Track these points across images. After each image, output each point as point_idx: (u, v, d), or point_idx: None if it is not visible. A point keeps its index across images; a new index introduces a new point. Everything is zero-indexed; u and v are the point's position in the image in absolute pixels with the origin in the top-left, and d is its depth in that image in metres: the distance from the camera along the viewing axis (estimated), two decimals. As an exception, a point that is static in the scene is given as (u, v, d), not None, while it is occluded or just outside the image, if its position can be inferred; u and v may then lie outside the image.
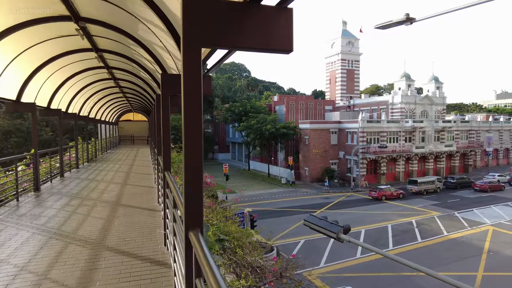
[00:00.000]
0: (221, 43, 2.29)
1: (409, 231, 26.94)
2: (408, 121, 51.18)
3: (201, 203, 2.25)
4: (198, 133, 2.24)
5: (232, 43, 2.30)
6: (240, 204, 36.39)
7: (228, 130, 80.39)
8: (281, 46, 2.39)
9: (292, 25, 2.35)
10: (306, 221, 8.63)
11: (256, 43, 2.34)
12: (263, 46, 2.37)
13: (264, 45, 2.36)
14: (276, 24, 2.33)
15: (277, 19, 2.35)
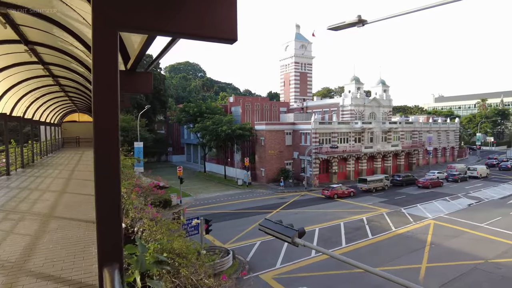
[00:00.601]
0: (145, 26, 1.80)
1: (360, 228, 27.96)
2: (357, 122, 53.49)
3: (120, 229, 1.78)
4: (114, 139, 1.77)
5: (160, 27, 1.85)
6: (196, 207, 35.57)
7: (182, 131, 78.33)
8: (223, 34, 2.03)
9: (236, 11, 1.96)
10: (261, 226, 8.35)
11: (192, 29, 1.94)
12: (201, 33, 1.98)
13: (203, 32, 1.98)
14: (217, 8, 1.94)
15: (218, 2, 1.97)
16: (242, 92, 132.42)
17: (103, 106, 1.67)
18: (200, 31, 2.00)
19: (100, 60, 1.67)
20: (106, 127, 1.72)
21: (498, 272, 19.42)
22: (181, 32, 1.97)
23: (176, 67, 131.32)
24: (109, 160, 1.77)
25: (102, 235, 1.74)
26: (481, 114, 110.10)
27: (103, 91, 1.67)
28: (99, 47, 1.66)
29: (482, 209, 33.73)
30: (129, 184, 7.23)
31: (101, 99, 1.66)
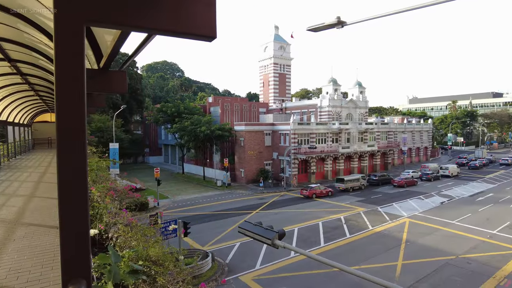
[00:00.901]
0: (117, 21, 1.65)
1: (338, 227, 28.36)
2: (335, 123, 54.35)
3: (87, 239, 1.62)
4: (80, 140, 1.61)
5: (134, 22, 1.70)
6: (174, 209, 34.98)
7: (160, 132, 76.97)
8: (202, 31, 1.90)
9: (215, 6, 1.84)
10: (241, 228, 8.24)
11: (170, 25, 1.81)
12: (179, 29, 1.84)
13: (181, 28, 1.84)
14: (195, 3, 1.81)
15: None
16: (221, 93, 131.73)
17: (68, 105, 1.51)
18: (178, 27, 1.85)
19: (64, 57, 1.50)
20: (71, 126, 1.56)
21: (468, 267, 20.17)
22: (158, 28, 1.82)
23: (153, 66, 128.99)
24: (74, 162, 1.61)
25: (66, 247, 1.57)
26: (452, 115, 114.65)
27: (68, 89, 1.50)
28: (63, 42, 1.50)
29: (453, 206, 35.03)
30: (103, 187, 6.94)
31: (66, 97, 1.50)
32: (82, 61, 1.57)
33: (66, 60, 1.52)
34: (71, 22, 1.52)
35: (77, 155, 1.60)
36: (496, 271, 19.56)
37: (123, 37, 2.94)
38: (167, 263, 3.48)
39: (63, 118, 1.54)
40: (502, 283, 18.30)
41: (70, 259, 1.56)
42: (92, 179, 8.04)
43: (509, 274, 19.31)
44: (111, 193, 6.73)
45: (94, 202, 5.51)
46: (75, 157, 1.60)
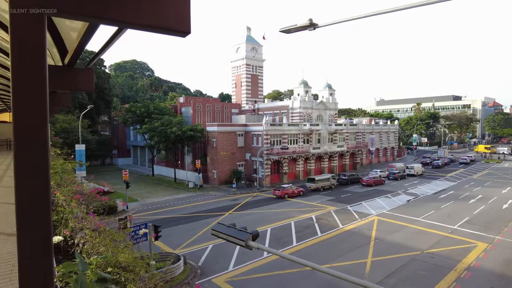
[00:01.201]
0: (82, 11, 1.51)
1: (310, 226, 28.79)
2: (306, 124, 55.21)
3: (50, 246, 1.49)
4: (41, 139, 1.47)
5: (102, 14, 1.57)
6: (144, 212, 34.04)
7: (128, 133, 74.78)
8: (175, 26, 1.80)
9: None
10: (214, 230, 8.13)
11: (141, 18, 1.69)
12: (151, 23, 1.73)
13: (154, 22, 1.73)
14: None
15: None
16: (192, 93, 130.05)
17: (27, 100, 1.37)
18: (150, 21, 1.74)
19: (22, 50, 1.36)
20: (30, 123, 1.42)
21: (432, 261, 21.13)
22: (129, 21, 1.71)
23: (122, 65, 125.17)
24: (34, 159, 1.47)
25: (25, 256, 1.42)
26: (416, 117, 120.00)
27: (26, 84, 1.36)
28: (20, 34, 1.35)
29: (418, 204, 36.60)
30: (68, 191, 6.59)
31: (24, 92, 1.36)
32: (43, 54, 1.43)
33: (24, 53, 1.38)
34: (29, 12, 1.38)
35: (37, 152, 1.46)
36: (457, 264, 20.63)
37: (90, 31, 2.77)
38: (138, 268, 3.33)
39: (21, 114, 1.40)
40: (462, 275, 19.32)
41: (29, 268, 1.42)
42: (56, 182, 7.64)
43: (469, 266, 20.43)
44: (77, 196, 6.41)
45: (58, 207, 5.21)
46: (35, 154, 1.46)
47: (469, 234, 26.14)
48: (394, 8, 5.73)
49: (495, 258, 21.69)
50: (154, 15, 1.74)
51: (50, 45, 3.84)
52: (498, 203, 36.65)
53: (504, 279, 18.83)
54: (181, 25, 1.83)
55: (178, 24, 1.82)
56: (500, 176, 56.52)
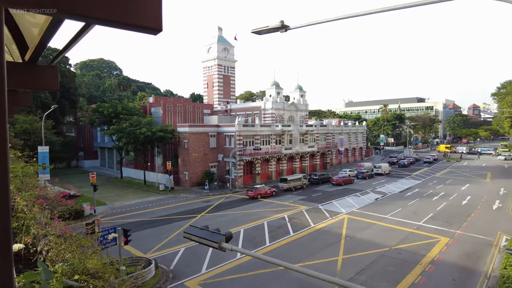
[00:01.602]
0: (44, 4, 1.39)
1: (282, 226, 29.04)
2: (278, 125, 55.72)
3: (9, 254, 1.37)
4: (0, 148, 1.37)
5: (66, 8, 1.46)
6: (113, 216, 32.93)
7: (95, 134, 72.11)
8: (146, 23, 1.70)
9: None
10: (186, 233, 7.99)
11: (110, 14, 1.59)
12: (121, 19, 1.62)
13: (123, 18, 1.63)
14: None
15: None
16: (162, 93, 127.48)
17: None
18: (119, 17, 1.63)
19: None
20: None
21: (399, 256, 21.97)
22: (96, 17, 1.59)
23: (89, 64, 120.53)
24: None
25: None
26: (383, 118, 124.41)
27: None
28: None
29: (386, 202, 37.96)
30: (30, 195, 6.22)
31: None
32: (0, 50, 1.32)
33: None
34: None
35: None
36: (422, 258, 21.58)
37: (54, 26, 2.61)
38: (107, 275, 3.19)
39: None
40: (427, 268, 20.24)
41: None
42: (16, 186, 7.21)
43: (432, 260, 21.43)
44: (40, 201, 6.07)
45: (19, 213, 4.91)
46: None
47: (433, 230, 27.43)
48: (364, 12, 5.90)
49: (456, 251, 22.91)
50: (123, 10, 1.64)
51: (9, 41, 3.61)
52: (458, 199, 38.78)
53: (465, 271, 19.92)
54: (152, 22, 1.73)
55: (149, 21, 1.73)
56: (460, 174, 59.85)
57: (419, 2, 5.48)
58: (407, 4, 5.63)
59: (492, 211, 33.41)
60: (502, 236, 25.80)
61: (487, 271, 19.84)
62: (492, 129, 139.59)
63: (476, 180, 52.25)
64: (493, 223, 29.39)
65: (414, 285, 18.18)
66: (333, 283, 5.13)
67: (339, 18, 6.31)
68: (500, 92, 75.18)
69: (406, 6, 5.58)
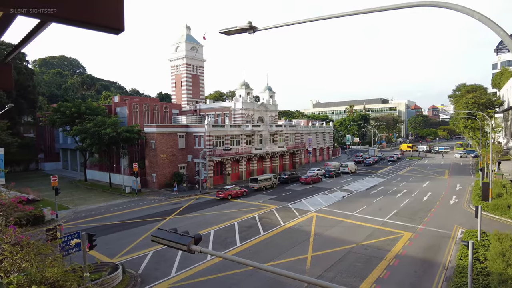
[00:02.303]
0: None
1: (253, 226, 29.11)
2: (248, 125, 55.82)
3: None
4: None
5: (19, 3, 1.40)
6: (77, 221, 31.50)
7: (57, 135, 68.60)
8: (107, 22, 1.63)
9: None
10: (154, 236, 7.81)
11: (68, 12, 1.51)
12: (79, 17, 1.54)
13: (82, 17, 1.55)
14: None
15: None
16: (128, 92, 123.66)
17: None
18: (77, 15, 1.55)
19: None
20: None
21: (366, 252, 22.72)
22: (52, 14, 1.49)
23: (49, 61, 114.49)
24: None
25: None
26: (349, 118, 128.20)
27: None
28: None
29: (353, 200, 39.14)
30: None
31: None
32: None
33: None
34: None
35: None
36: (387, 253, 22.45)
37: (5, 22, 2.44)
38: (69, 283, 3.03)
39: None
40: (391, 263, 21.09)
41: None
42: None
43: (397, 254, 22.36)
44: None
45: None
46: None
47: (397, 225, 28.63)
48: (335, 15, 6.04)
49: (418, 245, 24.06)
50: (82, 8, 1.56)
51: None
52: (420, 195, 40.78)
53: (426, 263, 20.97)
54: (113, 22, 1.66)
55: (110, 21, 1.65)
56: (421, 171, 62.97)
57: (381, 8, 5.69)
58: (371, 9, 5.84)
59: (449, 206, 35.43)
60: (458, 229, 27.42)
61: (445, 262, 21.00)
62: (449, 129, 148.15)
63: (435, 177, 55.21)
64: (450, 217, 31.17)
65: (380, 279, 18.86)
66: (303, 281, 5.20)
67: (307, 21, 6.42)
68: (455, 95, 79.92)
69: (371, 11, 5.78)
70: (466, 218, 30.47)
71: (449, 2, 5.39)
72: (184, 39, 70.06)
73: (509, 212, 30.50)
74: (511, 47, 5.10)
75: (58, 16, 1.54)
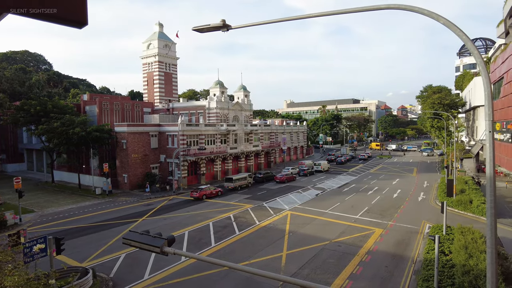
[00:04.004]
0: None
1: (228, 225, 28.99)
2: (223, 124, 55.54)
3: None
4: None
5: None
6: (43, 224, 30.10)
7: (21, 135, 65.23)
8: (69, 15, 1.55)
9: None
10: (125, 239, 7.62)
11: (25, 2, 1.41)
12: (38, 8, 1.45)
13: (41, 8, 1.45)
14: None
15: None
16: (98, 90, 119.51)
17: None
18: (36, 6, 1.45)
19: None
20: None
21: (339, 249, 23.22)
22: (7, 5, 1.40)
23: (11, 56, 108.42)
24: None
25: None
26: (322, 118, 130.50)
27: None
28: None
29: (326, 197, 39.88)
30: None
31: None
32: None
33: None
34: None
35: None
36: (359, 250, 23.05)
37: None
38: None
39: None
40: (363, 258, 21.67)
41: None
42: None
43: (369, 250, 23.01)
44: None
45: None
46: None
47: (368, 222, 29.46)
48: (307, 15, 6.09)
49: (389, 240, 24.88)
50: (44, 1, 1.47)
51: None
52: (390, 193, 42.21)
53: (396, 258, 21.72)
54: (77, 16, 1.58)
55: (74, 15, 1.58)
56: (391, 169, 65.20)
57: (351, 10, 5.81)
58: (343, 11, 5.94)
59: (418, 203, 36.90)
60: (425, 224, 28.62)
61: (413, 256, 21.84)
62: (417, 128, 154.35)
63: (404, 175, 57.33)
64: (419, 213, 32.48)
65: (353, 275, 19.33)
66: (278, 280, 5.23)
67: (278, 21, 6.45)
68: (422, 95, 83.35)
69: (342, 12, 5.88)
70: (433, 214, 31.86)
71: (417, 6, 5.59)
72: (157, 37, 68.66)
73: (471, 207, 32.21)
74: (472, 51, 5.37)
75: (14, 7, 1.43)
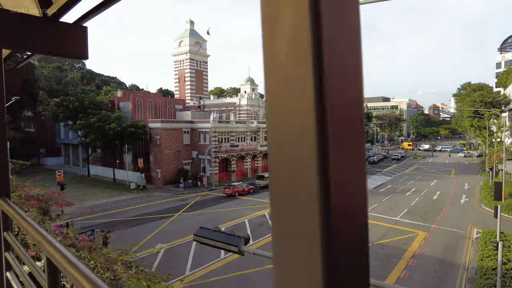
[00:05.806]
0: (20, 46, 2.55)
1: (264, 223, 28.53)
2: (253, 122, 55.16)
3: None
4: None
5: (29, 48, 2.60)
6: (82, 217, 30.81)
7: (58, 130, 67.84)
8: (77, 55, 2.77)
9: (87, 39, 2.58)
10: (196, 236, 7.19)
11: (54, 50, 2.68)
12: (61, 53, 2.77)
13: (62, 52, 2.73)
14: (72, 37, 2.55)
15: (73, 33, 2.59)
16: (128, 87, 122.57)
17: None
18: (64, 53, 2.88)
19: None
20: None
21: (382, 252, 22.22)
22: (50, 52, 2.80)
23: (47, 56, 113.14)
24: None
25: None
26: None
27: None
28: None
29: (361, 198, 38.59)
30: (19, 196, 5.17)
31: None
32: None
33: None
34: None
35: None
36: (404, 253, 21.97)
37: None
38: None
39: None
40: (410, 262, 20.62)
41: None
42: None
43: (414, 254, 21.90)
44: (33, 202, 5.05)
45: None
46: None
47: (410, 224, 28.14)
48: None
49: (434, 244, 23.58)
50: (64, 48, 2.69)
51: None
52: (429, 194, 40.29)
53: (444, 264, 20.51)
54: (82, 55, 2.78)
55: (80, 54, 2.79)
56: (427, 170, 62.53)
57: None
58: None
59: (461, 206, 34.98)
60: (473, 229, 26.96)
61: (464, 263, 20.52)
62: (451, 128, 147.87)
63: (442, 176, 54.75)
64: (463, 216, 30.70)
65: (400, 279, 18.37)
66: None
67: None
68: (460, 93, 79.42)
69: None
70: (479, 218, 30.03)
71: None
72: (188, 34, 69.23)
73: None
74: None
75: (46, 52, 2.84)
